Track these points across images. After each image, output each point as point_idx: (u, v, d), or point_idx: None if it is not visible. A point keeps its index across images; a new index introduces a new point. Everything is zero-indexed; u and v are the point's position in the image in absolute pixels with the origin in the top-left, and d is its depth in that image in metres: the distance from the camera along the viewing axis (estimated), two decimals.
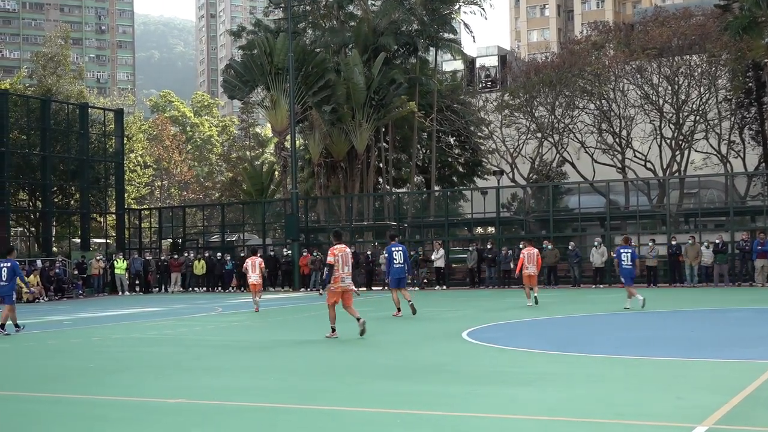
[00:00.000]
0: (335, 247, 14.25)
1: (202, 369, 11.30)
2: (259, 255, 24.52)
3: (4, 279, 17.39)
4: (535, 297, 21.29)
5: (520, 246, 25.33)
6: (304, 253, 35.11)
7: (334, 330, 14.26)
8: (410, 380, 9.72)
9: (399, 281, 18.86)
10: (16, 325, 17.50)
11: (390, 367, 10.90)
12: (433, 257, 34.20)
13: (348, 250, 14.37)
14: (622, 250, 19.43)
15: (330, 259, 14.07)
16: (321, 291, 29.64)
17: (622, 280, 19.44)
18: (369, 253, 35.14)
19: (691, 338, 13.68)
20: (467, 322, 17.01)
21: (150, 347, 14.47)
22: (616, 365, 10.58)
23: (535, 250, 22.14)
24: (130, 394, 9.24)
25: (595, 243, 32.27)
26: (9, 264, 17.50)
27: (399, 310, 18.70)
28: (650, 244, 31.42)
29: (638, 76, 40.04)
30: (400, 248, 19.16)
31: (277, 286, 35.75)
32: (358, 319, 14.06)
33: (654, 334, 14.50)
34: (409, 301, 18.82)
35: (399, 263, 18.79)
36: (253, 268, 22.57)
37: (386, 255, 19.12)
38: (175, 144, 69.56)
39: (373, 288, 34.08)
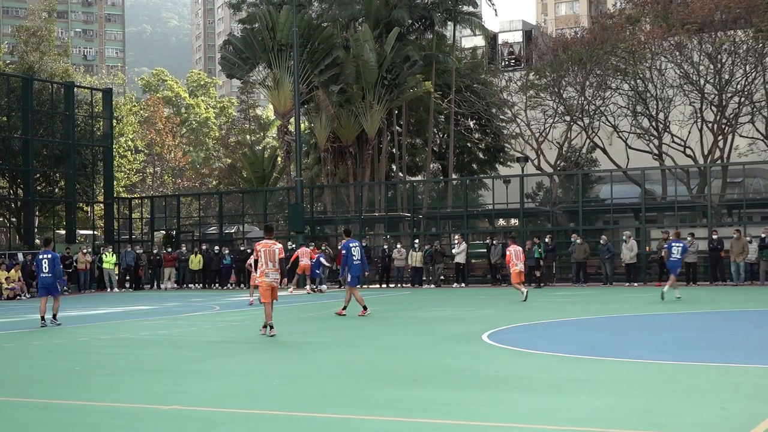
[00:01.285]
0: (261, 241, 15.40)
1: (198, 372, 11.33)
2: None
3: (45, 270, 17.87)
4: (526, 292, 23.59)
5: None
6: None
7: (268, 327, 15.14)
8: (425, 386, 9.71)
9: (359, 279, 19.68)
10: (42, 318, 18.11)
11: (403, 372, 10.90)
12: (454, 252, 34.23)
13: (276, 245, 15.25)
14: (674, 244, 22.70)
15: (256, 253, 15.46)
16: (309, 289, 31.14)
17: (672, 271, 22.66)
18: (385, 246, 35.26)
19: (735, 342, 13.61)
20: (488, 322, 17.02)
21: (141, 349, 14.53)
22: (653, 371, 10.53)
23: (520, 247, 24.77)
24: (120, 399, 9.27)
25: (623, 237, 32.11)
26: (50, 255, 18.21)
27: (366, 308, 19.29)
28: (689, 238, 31.27)
29: (677, 53, 39.78)
30: (357, 244, 19.79)
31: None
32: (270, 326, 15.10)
33: (695, 336, 14.45)
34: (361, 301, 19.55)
35: (358, 260, 19.38)
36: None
37: (344, 252, 19.66)
38: (168, 127, 69.74)
39: (390, 285, 34.24)
